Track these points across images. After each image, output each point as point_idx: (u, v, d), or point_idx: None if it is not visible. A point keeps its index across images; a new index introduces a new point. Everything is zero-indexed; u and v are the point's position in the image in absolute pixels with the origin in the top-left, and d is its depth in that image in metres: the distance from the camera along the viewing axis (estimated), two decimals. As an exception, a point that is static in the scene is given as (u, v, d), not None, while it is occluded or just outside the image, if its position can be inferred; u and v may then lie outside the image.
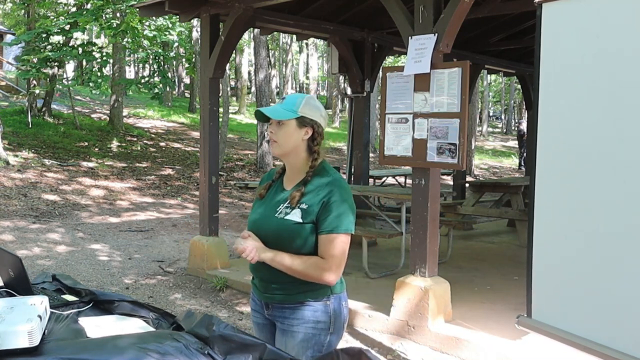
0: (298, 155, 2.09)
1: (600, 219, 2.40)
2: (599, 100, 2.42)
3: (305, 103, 2.07)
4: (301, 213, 2.00)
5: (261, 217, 2.11)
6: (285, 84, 35.87)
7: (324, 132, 2.12)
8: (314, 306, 2.05)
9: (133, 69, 38.62)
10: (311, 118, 2.06)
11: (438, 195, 4.41)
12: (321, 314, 2.05)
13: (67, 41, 14.73)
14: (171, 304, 5.13)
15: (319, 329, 2.05)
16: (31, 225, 8.38)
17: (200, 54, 8.22)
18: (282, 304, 2.08)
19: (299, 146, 2.07)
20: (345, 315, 2.13)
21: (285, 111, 2.05)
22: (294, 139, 2.05)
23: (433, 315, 4.21)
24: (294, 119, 2.05)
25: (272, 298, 2.10)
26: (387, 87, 4.53)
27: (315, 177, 2.06)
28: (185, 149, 17.07)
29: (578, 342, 2.47)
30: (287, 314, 2.07)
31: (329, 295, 2.06)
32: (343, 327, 2.12)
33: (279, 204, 2.07)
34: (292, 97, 2.10)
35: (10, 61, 26.33)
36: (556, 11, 2.58)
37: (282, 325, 2.10)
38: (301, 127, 2.06)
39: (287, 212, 2.03)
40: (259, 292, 2.16)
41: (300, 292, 2.04)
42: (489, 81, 37.10)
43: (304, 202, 2.01)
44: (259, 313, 2.21)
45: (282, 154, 2.10)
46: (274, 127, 2.07)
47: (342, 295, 2.13)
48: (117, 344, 1.61)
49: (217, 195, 6.29)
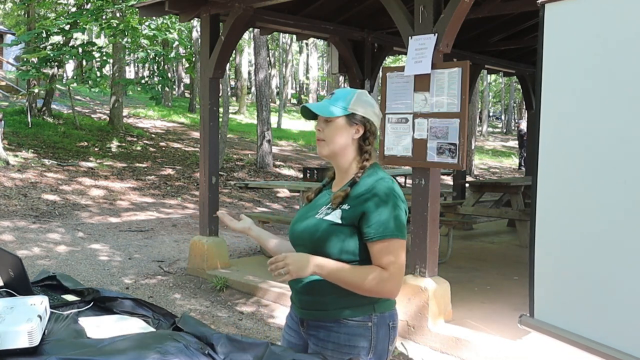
0: (347, 155, 1.90)
1: (602, 219, 2.40)
2: (601, 100, 2.42)
3: (357, 99, 1.89)
4: (341, 214, 1.81)
5: (300, 218, 1.96)
6: (285, 84, 35.88)
7: (377, 131, 1.94)
8: (352, 328, 1.82)
9: (133, 69, 38.62)
10: (362, 115, 1.88)
11: (438, 195, 4.41)
12: (359, 338, 1.82)
13: (67, 41, 14.73)
14: (171, 304, 5.13)
15: (356, 354, 1.81)
16: (31, 225, 8.38)
17: (200, 54, 8.22)
18: (318, 321, 1.87)
19: (349, 146, 1.89)
20: (392, 338, 1.88)
21: (333, 107, 1.88)
22: (343, 138, 1.87)
23: (433, 315, 4.21)
24: (344, 116, 1.87)
25: (308, 314, 1.91)
26: (387, 87, 4.53)
27: (365, 178, 1.86)
28: (185, 149, 17.07)
29: (580, 342, 2.47)
30: (321, 334, 1.87)
31: (371, 315, 1.83)
32: (388, 350, 1.88)
33: (322, 205, 1.91)
34: (342, 92, 1.93)
35: (10, 61, 26.33)
36: (559, 12, 2.58)
37: (316, 347, 1.88)
38: (351, 125, 1.87)
39: (327, 213, 1.85)
40: (296, 307, 1.97)
41: (337, 308, 1.83)
42: (489, 81, 37.10)
43: (347, 203, 1.82)
44: (294, 331, 2.00)
45: (329, 154, 1.91)
46: (321, 125, 1.89)
47: (390, 314, 1.88)
48: (117, 344, 1.61)
49: (217, 195, 6.29)
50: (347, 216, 1.81)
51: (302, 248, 1.90)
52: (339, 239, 1.81)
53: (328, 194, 1.95)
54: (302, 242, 1.89)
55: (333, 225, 1.81)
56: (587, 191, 2.46)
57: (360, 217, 1.79)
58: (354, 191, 1.83)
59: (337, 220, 1.81)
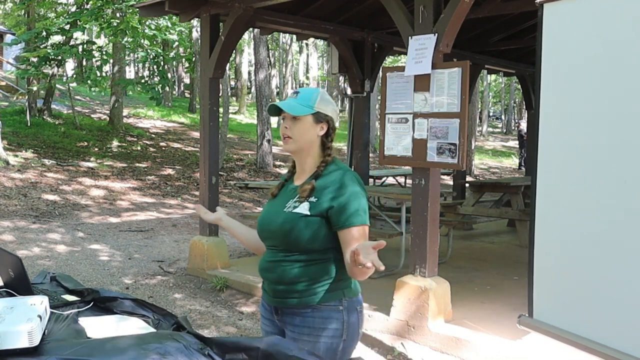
0: (312, 151, 2.03)
1: (602, 219, 2.40)
2: (600, 100, 2.42)
3: (321, 98, 2.02)
4: (309, 205, 1.93)
5: (269, 213, 2.06)
6: (285, 84, 35.86)
7: (336, 128, 2.08)
8: (325, 312, 1.96)
9: (133, 69, 38.62)
10: (326, 113, 2.02)
11: (438, 195, 4.41)
12: (333, 320, 1.96)
13: (67, 41, 14.73)
14: (171, 304, 5.13)
15: (331, 336, 1.95)
16: (31, 225, 8.38)
17: (200, 54, 8.22)
18: (292, 309, 1.99)
19: (314, 142, 2.02)
20: (360, 321, 2.03)
21: (301, 106, 1.99)
22: (309, 134, 2.00)
23: (433, 315, 4.21)
24: (310, 114, 1.99)
25: (281, 302, 2.01)
26: (387, 87, 4.53)
27: (327, 171, 2.00)
28: (185, 149, 17.07)
29: (579, 342, 2.47)
30: (297, 321, 1.98)
31: (342, 299, 1.97)
32: (358, 333, 2.03)
33: (288, 199, 2.02)
34: (307, 92, 2.04)
35: (10, 61, 26.32)
36: (557, 11, 2.58)
37: (292, 334, 2.00)
38: (317, 123, 2.00)
39: (295, 206, 1.96)
40: (268, 297, 2.07)
41: (311, 295, 1.96)
42: (489, 81, 37.09)
43: (314, 195, 1.95)
44: (268, 320, 2.12)
45: (296, 150, 2.03)
46: (289, 123, 2.01)
47: (357, 299, 2.04)
48: (117, 344, 1.61)
49: (217, 195, 6.29)
50: (315, 207, 1.93)
51: (272, 241, 2.03)
52: (309, 229, 1.92)
53: (292, 188, 2.06)
54: (272, 235, 2.01)
55: (302, 216, 1.93)
56: (587, 191, 2.46)
57: (330, 208, 1.92)
58: (320, 184, 1.97)
59: (306, 212, 1.93)
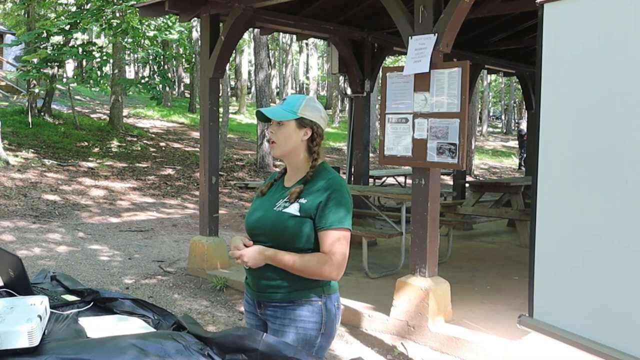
0: (298, 155, 2.12)
1: (602, 218, 2.40)
2: (600, 99, 2.42)
3: (305, 104, 2.09)
4: (299, 207, 2.02)
5: (256, 210, 2.15)
6: (285, 84, 35.86)
7: (323, 133, 2.15)
8: (306, 306, 2.05)
9: (133, 69, 38.62)
10: (310, 119, 2.09)
11: (438, 195, 4.41)
12: (313, 314, 2.06)
13: (67, 41, 14.73)
14: (171, 304, 5.13)
15: (310, 329, 2.05)
16: (31, 225, 8.38)
17: (200, 54, 8.22)
18: (274, 303, 2.08)
19: (299, 147, 2.10)
20: (338, 317, 2.13)
21: (285, 112, 2.08)
22: (293, 139, 2.09)
23: (433, 315, 4.21)
24: (294, 119, 2.08)
25: (265, 296, 2.10)
26: (387, 87, 4.53)
27: (315, 176, 2.09)
28: (185, 149, 17.07)
29: (579, 342, 2.47)
30: (278, 313, 2.08)
31: (322, 295, 2.07)
32: (334, 329, 2.13)
33: (278, 199, 2.10)
34: (293, 98, 2.12)
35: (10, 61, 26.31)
36: (558, 11, 2.58)
37: (274, 325, 2.10)
38: (300, 128, 2.09)
39: (285, 206, 2.05)
40: (252, 291, 2.16)
41: (293, 291, 2.05)
42: (489, 81, 37.09)
43: (304, 197, 2.04)
44: (252, 314, 2.22)
45: (281, 154, 2.13)
46: (274, 128, 2.10)
47: (335, 296, 2.13)
48: (117, 344, 1.61)
49: (217, 195, 6.29)
50: (305, 209, 2.02)
51: (261, 237, 2.08)
52: (297, 229, 2.02)
53: (282, 188, 2.16)
54: (262, 232, 2.08)
55: (292, 217, 2.02)
56: (587, 191, 2.46)
57: (317, 209, 2.02)
58: (308, 187, 2.07)
59: (296, 213, 2.02)
